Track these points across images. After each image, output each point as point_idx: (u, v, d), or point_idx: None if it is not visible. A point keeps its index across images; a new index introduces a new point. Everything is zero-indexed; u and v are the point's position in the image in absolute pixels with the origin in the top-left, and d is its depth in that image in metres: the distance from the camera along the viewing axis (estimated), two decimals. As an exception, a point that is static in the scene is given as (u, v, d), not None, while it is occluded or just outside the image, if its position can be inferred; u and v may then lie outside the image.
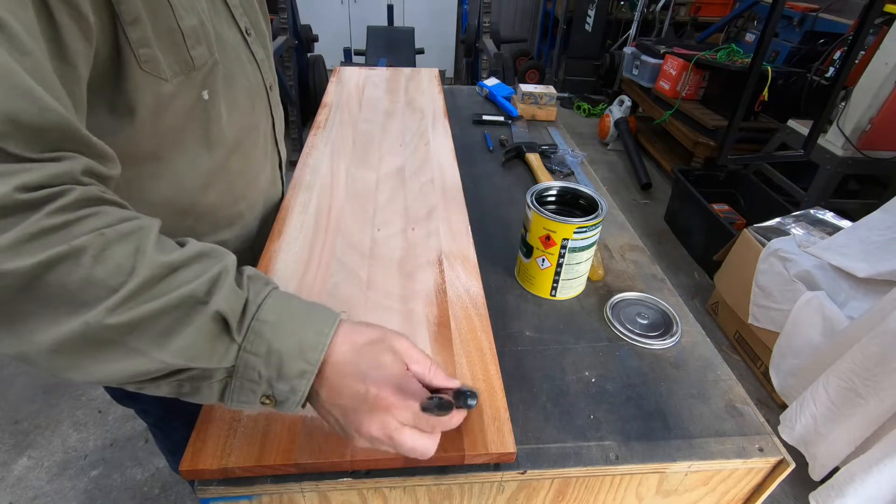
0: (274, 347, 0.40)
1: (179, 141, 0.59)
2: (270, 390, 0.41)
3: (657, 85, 3.37)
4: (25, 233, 0.33)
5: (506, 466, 0.52)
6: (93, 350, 0.36)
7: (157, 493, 1.46)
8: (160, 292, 0.37)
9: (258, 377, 0.40)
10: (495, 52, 2.94)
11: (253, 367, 0.40)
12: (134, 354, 0.36)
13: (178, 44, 0.53)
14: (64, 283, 0.34)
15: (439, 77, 1.54)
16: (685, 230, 2.67)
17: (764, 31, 1.98)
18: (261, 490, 0.49)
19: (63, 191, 0.36)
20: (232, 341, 0.39)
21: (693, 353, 0.67)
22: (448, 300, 0.68)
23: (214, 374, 0.40)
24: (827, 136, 2.30)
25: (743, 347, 1.95)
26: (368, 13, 4.50)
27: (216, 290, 0.39)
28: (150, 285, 0.37)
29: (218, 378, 0.40)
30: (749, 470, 0.56)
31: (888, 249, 1.49)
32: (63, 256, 0.34)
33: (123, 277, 0.36)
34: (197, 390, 0.41)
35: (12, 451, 1.55)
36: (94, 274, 0.35)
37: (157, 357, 0.37)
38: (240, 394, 0.41)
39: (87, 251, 0.35)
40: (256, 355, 0.40)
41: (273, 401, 0.41)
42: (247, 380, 0.40)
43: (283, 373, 0.40)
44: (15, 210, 0.33)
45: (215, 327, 0.39)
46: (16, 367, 1.82)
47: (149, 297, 0.36)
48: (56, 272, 0.34)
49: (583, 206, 0.76)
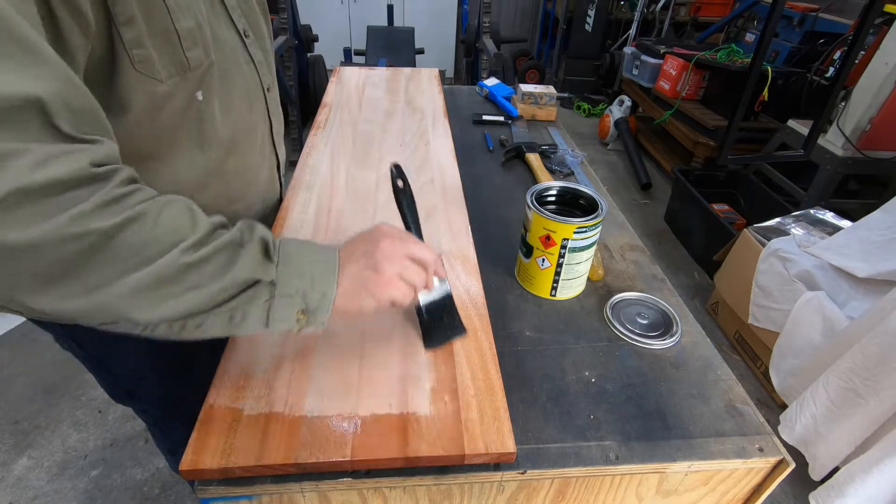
0: (304, 264, 0.49)
1: (174, 141, 0.59)
2: (304, 303, 0.49)
3: (657, 85, 3.37)
4: (103, 199, 0.40)
5: (506, 466, 0.52)
6: (169, 287, 0.43)
7: (157, 493, 1.46)
8: (216, 237, 0.46)
9: (294, 290, 0.48)
10: (495, 52, 2.94)
11: (289, 282, 0.48)
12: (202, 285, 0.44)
13: (173, 45, 0.53)
14: (135, 239, 0.41)
15: (439, 77, 1.54)
16: (685, 230, 2.67)
17: (764, 31, 1.98)
18: (261, 490, 0.49)
19: (119, 168, 0.43)
20: (271, 262, 0.48)
21: (693, 353, 0.67)
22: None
23: (261, 294, 0.47)
24: (827, 136, 2.30)
25: (743, 347, 1.95)
26: (368, 13, 4.50)
27: (255, 229, 0.48)
28: (209, 234, 0.45)
29: (264, 298, 0.47)
30: (749, 470, 0.56)
31: (888, 249, 1.49)
32: (133, 218, 0.41)
33: (187, 230, 0.44)
34: (246, 316, 0.47)
35: (12, 451, 1.55)
36: (158, 231, 0.43)
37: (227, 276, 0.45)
38: (281, 311, 0.48)
39: (149, 215, 0.43)
40: (289, 273, 0.48)
41: (306, 314, 0.49)
42: (286, 295, 0.48)
43: (314, 281, 0.49)
44: (91, 181, 0.40)
45: (260, 251, 0.47)
46: (16, 366, 1.82)
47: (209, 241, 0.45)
48: (130, 230, 0.41)
49: (583, 206, 0.76)
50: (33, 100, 0.38)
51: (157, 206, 0.43)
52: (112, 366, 0.80)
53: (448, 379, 0.57)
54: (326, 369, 0.57)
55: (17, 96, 0.37)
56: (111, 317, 0.43)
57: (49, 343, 2.05)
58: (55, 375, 1.79)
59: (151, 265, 0.42)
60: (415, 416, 0.52)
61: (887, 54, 2.04)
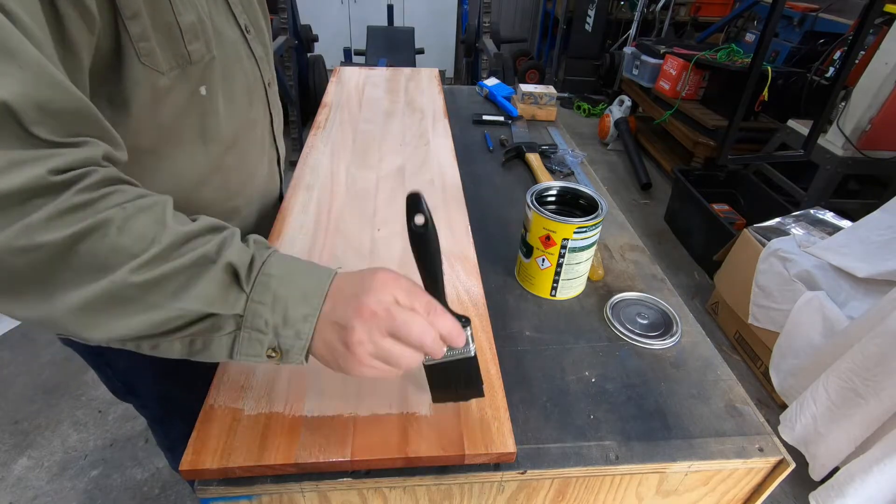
0: (279, 294, 0.43)
1: (176, 136, 0.60)
2: (276, 340, 0.43)
3: (657, 85, 3.37)
4: (57, 209, 0.37)
5: (506, 466, 0.52)
6: (115, 307, 0.40)
7: (157, 493, 1.46)
8: (178, 255, 0.41)
9: (265, 325, 0.43)
10: (495, 52, 2.94)
11: (260, 315, 0.42)
12: (153, 309, 0.40)
13: (175, 38, 0.54)
14: (93, 252, 0.38)
15: (439, 77, 1.54)
16: (685, 230, 2.67)
17: (764, 31, 1.98)
18: (261, 490, 0.49)
19: (88, 172, 0.40)
20: (241, 291, 0.42)
21: (693, 353, 0.67)
22: (448, 300, 0.67)
23: (224, 326, 0.43)
24: (827, 136, 2.30)
25: (743, 347, 1.95)
26: (368, 13, 4.50)
27: (226, 247, 0.43)
28: (170, 250, 0.41)
29: (228, 330, 0.43)
30: (749, 470, 0.56)
31: (888, 249, 1.49)
32: (91, 228, 0.38)
33: (146, 244, 0.40)
34: (208, 345, 0.43)
35: (12, 451, 1.55)
36: (119, 242, 0.39)
37: (175, 306, 0.40)
38: (248, 346, 0.43)
39: (113, 223, 0.39)
40: (263, 304, 0.42)
41: (279, 352, 0.44)
42: (254, 329, 0.43)
43: (287, 317, 0.43)
44: (48, 190, 0.37)
45: (227, 278, 0.42)
46: (16, 366, 1.82)
47: (168, 259, 0.40)
48: (86, 243, 0.38)
49: (583, 206, 0.76)
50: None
51: (124, 214, 0.40)
52: (112, 361, 0.80)
53: (448, 379, 0.57)
54: (326, 369, 0.57)
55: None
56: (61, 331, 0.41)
57: (49, 343, 2.06)
58: (55, 375, 1.79)
59: (99, 282, 0.39)
60: (415, 416, 0.52)
61: (887, 54, 2.04)
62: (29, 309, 0.39)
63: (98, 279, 0.39)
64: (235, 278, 0.42)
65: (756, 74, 2.08)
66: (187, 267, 0.41)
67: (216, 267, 0.42)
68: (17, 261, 0.37)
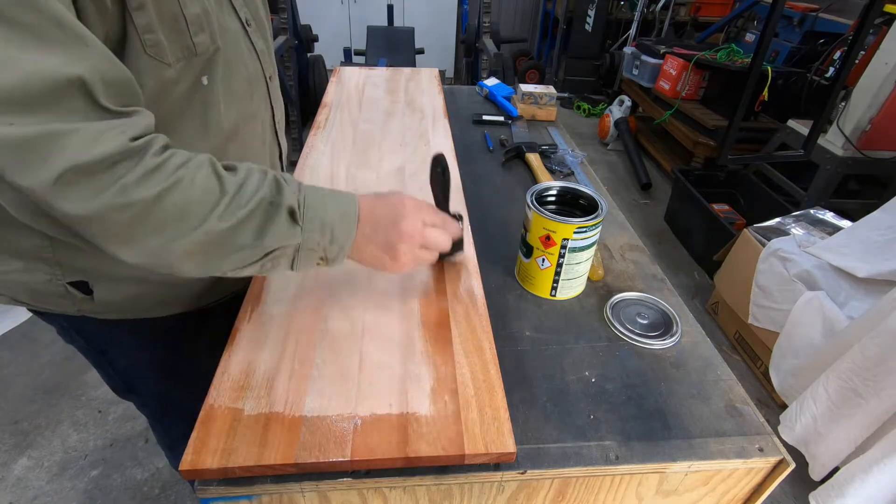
0: (325, 220, 0.54)
1: (177, 127, 0.60)
2: (325, 253, 0.55)
3: (657, 85, 3.37)
4: (144, 170, 0.44)
5: (506, 466, 0.52)
6: (211, 250, 0.49)
7: (157, 493, 1.46)
8: (245, 201, 0.50)
9: (317, 245, 0.54)
10: (495, 52, 2.94)
11: (313, 239, 0.54)
12: (240, 250, 0.50)
13: (181, 30, 0.55)
14: (177, 206, 0.46)
15: (439, 77, 1.54)
16: (685, 230, 2.67)
17: (764, 31, 1.98)
18: (261, 490, 0.49)
19: (154, 137, 0.47)
20: (297, 225, 0.53)
21: (693, 353, 0.67)
22: (448, 300, 0.68)
23: (288, 253, 0.53)
24: (827, 136, 2.30)
25: (743, 347, 1.95)
26: (368, 13, 4.50)
27: (281, 192, 0.52)
28: (236, 197, 0.49)
29: (290, 254, 0.54)
30: (749, 470, 0.56)
31: (888, 249, 1.49)
32: (172, 185, 0.45)
33: (217, 195, 0.48)
34: (276, 266, 0.54)
35: (12, 451, 1.55)
36: (194, 196, 0.47)
37: (258, 244, 0.50)
38: (304, 262, 0.55)
39: (185, 180, 0.46)
40: (313, 231, 0.54)
41: (326, 261, 0.56)
42: (309, 249, 0.54)
43: (334, 237, 0.55)
44: (130, 155, 0.44)
45: (289, 218, 0.52)
46: (16, 366, 1.82)
47: (240, 206, 0.49)
48: (169, 198, 0.45)
49: (583, 206, 0.76)
50: (75, 80, 0.41)
51: (190, 172, 0.47)
52: (114, 358, 0.81)
53: (448, 379, 0.57)
54: (326, 369, 0.57)
55: (63, 77, 0.40)
56: (169, 272, 0.50)
57: (49, 343, 2.06)
58: (55, 375, 1.79)
59: (195, 231, 0.47)
60: (415, 416, 0.52)
61: (887, 54, 2.04)
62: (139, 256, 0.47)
63: (193, 230, 0.47)
64: (293, 217, 0.52)
65: (756, 74, 2.08)
66: (256, 211, 0.50)
67: (281, 210, 0.51)
68: (119, 217, 0.44)
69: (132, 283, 0.69)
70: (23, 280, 0.65)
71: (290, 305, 0.66)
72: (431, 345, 0.61)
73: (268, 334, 0.61)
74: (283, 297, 0.67)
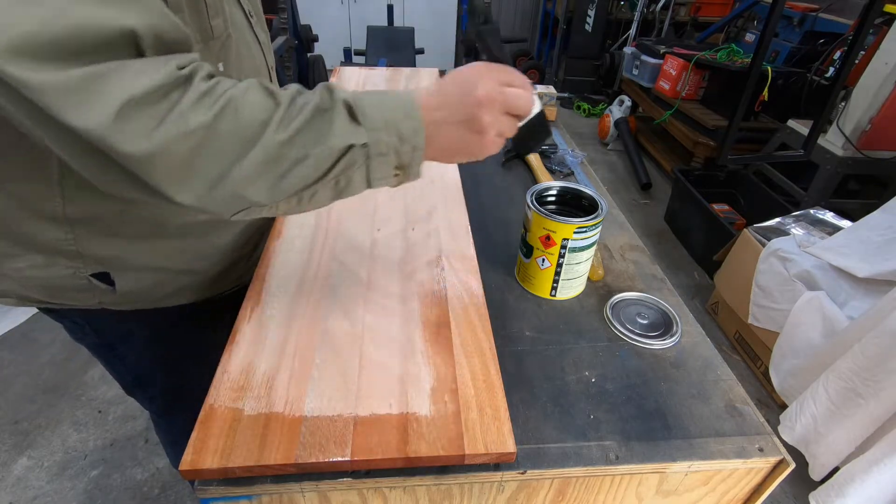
0: (387, 119, 0.49)
1: None
2: (398, 159, 0.50)
3: (657, 85, 3.37)
4: (197, 94, 0.43)
5: (506, 466, 0.52)
6: (274, 168, 0.46)
7: (157, 493, 1.46)
8: (298, 110, 0.47)
9: (386, 148, 0.49)
10: (495, 52, 2.93)
11: (380, 140, 0.49)
12: (302, 161, 0.46)
13: (201, 12, 0.56)
14: (233, 127, 0.44)
15: (439, 77, 1.54)
16: (685, 230, 2.67)
17: (764, 31, 1.98)
18: (261, 490, 0.49)
19: (200, 65, 0.46)
20: (358, 124, 0.48)
21: (693, 353, 0.67)
22: (448, 300, 0.68)
23: (357, 159, 0.49)
24: (827, 136, 2.30)
25: (743, 347, 1.95)
26: (368, 13, 4.50)
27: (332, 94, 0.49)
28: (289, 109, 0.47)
29: (360, 162, 0.49)
30: (749, 470, 0.56)
31: (888, 249, 1.49)
32: (225, 107, 0.44)
33: (269, 111, 0.46)
34: (350, 181, 0.50)
35: (12, 451, 1.55)
36: (249, 115, 0.45)
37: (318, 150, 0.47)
38: (378, 170, 0.50)
39: (236, 100, 0.45)
40: (377, 130, 0.48)
41: (403, 169, 0.51)
42: (379, 154, 0.49)
43: (402, 135, 0.49)
44: (180, 82, 0.43)
45: (347, 115, 0.48)
46: (16, 366, 1.82)
47: (294, 116, 0.46)
48: (225, 120, 0.44)
49: (583, 206, 0.76)
50: (127, 32, 0.41)
51: (240, 92, 0.46)
52: (125, 353, 0.81)
53: (448, 379, 0.57)
54: (326, 369, 0.57)
55: (114, 28, 0.40)
56: (239, 205, 0.47)
57: (49, 343, 2.06)
58: (55, 375, 1.79)
59: (254, 149, 0.45)
60: (415, 416, 0.52)
61: (887, 54, 2.04)
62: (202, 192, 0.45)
63: (249, 149, 0.44)
64: (352, 115, 0.48)
65: (756, 74, 2.08)
66: (312, 117, 0.47)
67: (337, 109, 0.48)
68: (180, 147, 0.42)
69: (152, 271, 0.70)
70: (42, 275, 0.65)
71: (290, 305, 0.66)
72: (431, 345, 0.61)
73: (268, 334, 0.61)
74: (283, 297, 0.67)
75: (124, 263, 0.67)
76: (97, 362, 0.86)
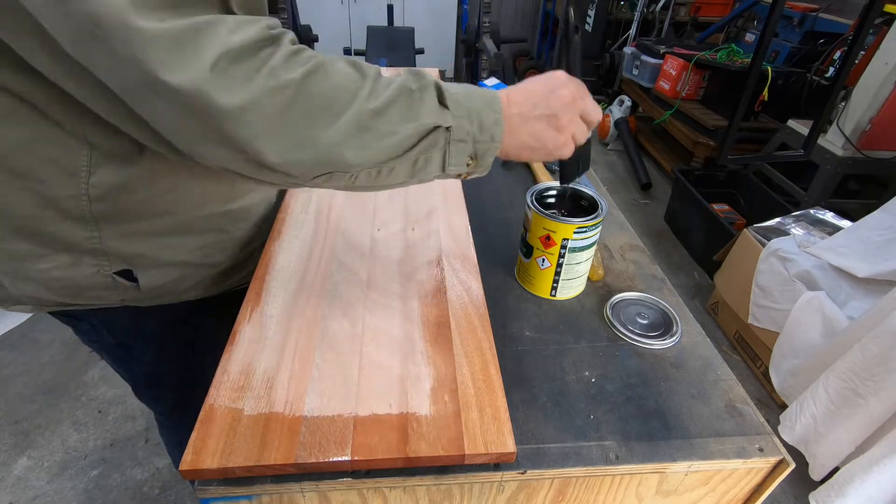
0: (471, 107, 0.51)
1: None
2: (474, 147, 0.52)
3: (657, 85, 3.37)
4: (287, 52, 0.44)
5: (506, 466, 0.52)
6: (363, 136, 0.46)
7: (157, 493, 1.46)
8: (386, 85, 0.48)
9: (466, 135, 0.51)
10: (495, 52, 2.94)
11: (462, 127, 0.51)
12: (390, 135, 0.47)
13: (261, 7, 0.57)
14: (322, 90, 0.45)
15: (439, 77, 1.54)
16: (685, 230, 2.67)
17: (764, 31, 1.98)
18: (261, 490, 0.49)
19: (286, 31, 0.47)
20: (445, 108, 0.50)
21: (693, 353, 0.67)
22: (448, 300, 0.68)
23: (439, 141, 0.50)
24: (827, 136, 2.30)
25: (743, 347, 1.95)
26: (368, 13, 4.50)
27: (422, 76, 0.50)
28: (377, 81, 0.48)
29: (440, 145, 0.51)
30: (749, 470, 0.56)
31: (888, 249, 1.49)
32: (314, 69, 0.45)
33: (358, 81, 0.47)
34: (427, 162, 0.51)
35: (12, 451, 1.55)
36: (337, 81, 0.46)
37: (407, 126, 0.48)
38: (455, 157, 0.52)
39: (325, 65, 0.46)
40: (461, 117, 0.51)
41: (475, 159, 0.53)
42: (459, 140, 0.51)
43: (482, 124, 0.52)
44: (271, 41, 0.44)
45: (436, 98, 0.50)
46: (16, 366, 1.82)
47: (380, 90, 0.48)
48: (315, 82, 0.45)
49: (583, 207, 0.76)
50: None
51: (329, 59, 0.47)
52: (141, 352, 0.82)
53: (448, 379, 0.57)
54: (326, 369, 0.57)
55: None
56: (322, 168, 0.47)
57: (49, 343, 2.06)
58: (55, 375, 1.79)
59: (346, 113, 0.45)
60: (415, 416, 0.52)
61: (887, 54, 2.04)
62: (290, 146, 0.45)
63: (341, 114, 0.45)
64: (441, 99, 0.50)
65: (756, 74, 2.08)
66: (399, 93, 0.48)
67: (429, 89, 0.49)
68: (273, 101, 0.43)
69: (174, 267, 0.70)
70: (67, 275, 0.65)
71: (290, 305, 0.66)
72: (431, 345, 0.61)
73: (268, 334, 0.61)
74: (283, 297, 0.67)
75: (148, 260, 0.67)
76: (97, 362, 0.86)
